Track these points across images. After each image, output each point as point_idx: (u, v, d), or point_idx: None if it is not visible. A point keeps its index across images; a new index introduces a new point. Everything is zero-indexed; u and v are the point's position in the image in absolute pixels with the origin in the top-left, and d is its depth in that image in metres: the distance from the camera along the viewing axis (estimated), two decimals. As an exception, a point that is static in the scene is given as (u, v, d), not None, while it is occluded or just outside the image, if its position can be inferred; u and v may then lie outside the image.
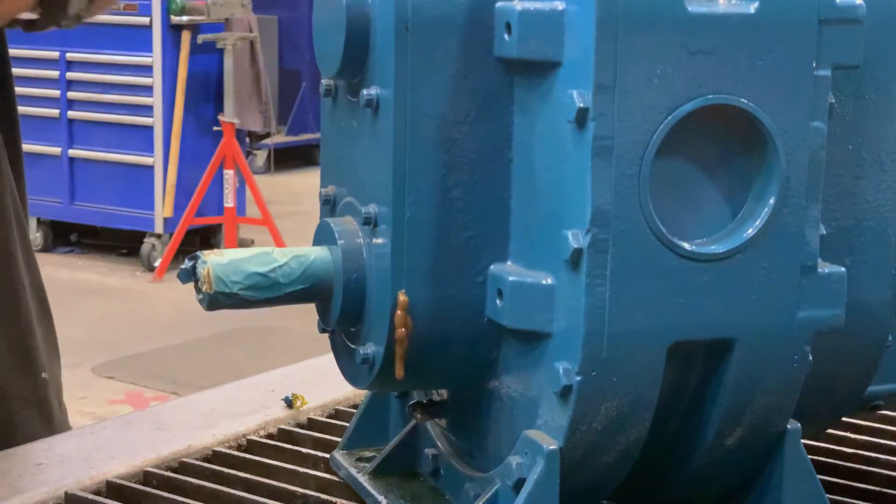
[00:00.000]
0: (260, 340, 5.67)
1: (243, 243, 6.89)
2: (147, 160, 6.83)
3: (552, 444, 0.95)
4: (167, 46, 6.72)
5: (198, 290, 0.99)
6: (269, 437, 1.27)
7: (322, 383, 1.37)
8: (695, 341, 0.96)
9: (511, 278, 0.96)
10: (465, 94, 0.97)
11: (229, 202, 6.81)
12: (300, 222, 7.23)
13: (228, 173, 6.75)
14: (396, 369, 0.99)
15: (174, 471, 1.20)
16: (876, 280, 1.05)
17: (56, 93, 6.91)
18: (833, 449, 1.24)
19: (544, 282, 0.94)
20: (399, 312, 0.97)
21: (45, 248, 7.15)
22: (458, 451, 1.07)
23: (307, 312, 1.04)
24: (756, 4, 0.92)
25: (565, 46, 0.92)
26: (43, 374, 1.46)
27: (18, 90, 1.49)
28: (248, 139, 7.56)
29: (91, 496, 1.14)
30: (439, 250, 0.97)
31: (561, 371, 0.93)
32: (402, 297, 0.97)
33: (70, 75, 6.92)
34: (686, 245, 0.93)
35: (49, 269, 6.49)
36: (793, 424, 1.01)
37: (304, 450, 1.23)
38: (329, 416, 1.32)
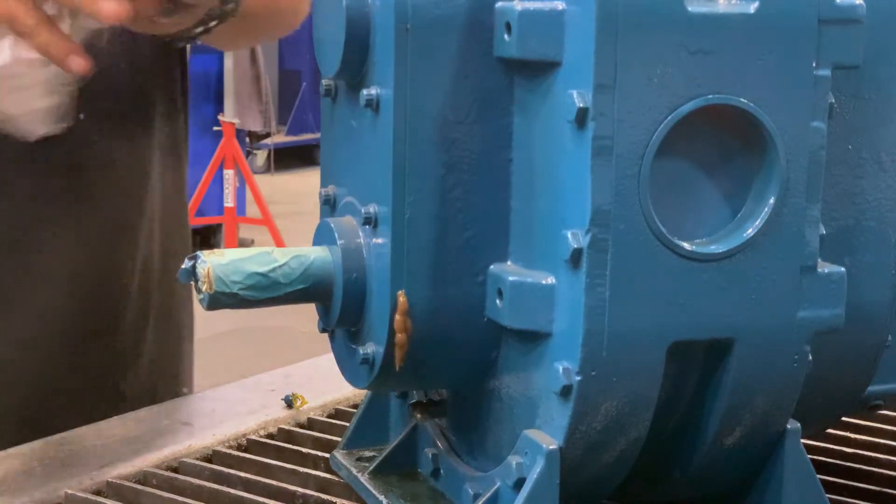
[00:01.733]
0: (260, 340, 5.67)
1: (243, 243, 6.89)
2: (147, 160, 6.82)
3: (552, 444, 0.95)
4: (167, 46, 6.71)
5: (198, 290, 0.99)
6: (269, 437, 1.28)
7: (322, 383, 1.37)
8: (695, 341, 0.96)
9: (511, 278, 0.96)
10: (465, 94, 0.97)
11: (229, 202, 6.82)
12: (300, 222, 7.23)
13: (228, 173, 6.75)
14: (396, 372, 0.99)
15: (174, 471, 1.20)
16: (876, 280, 1.05)
17: (56, 93, 6.90)
18: (833, 449, 1.24)
19: (544, 282, 0.94)
20: (398, 317, 0.97)
21: (46, 248, 7.14)
22: (458, 451, 1.08)
23: (307, 312, 1.04)
24: (756, 4, 0.92)
25: (565, 46, 0.92)
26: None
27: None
28: (248, 139, 7.56)
29: (91, 496, 1.14)
30: (439, 250, 0.97)
31: (561, 371, 0.93)
32: (401, 301, 0.97)
33: (70, 75, 6.91)
34: (686, 245, 0.93)
35: (49, 269, 6.50)
36: (793, 424, 1.01)
37: (304, 450, 1.23)
38: (329, 416, 1.32)
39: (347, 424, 1.20)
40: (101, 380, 1.46)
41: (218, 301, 0.99)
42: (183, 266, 1.00)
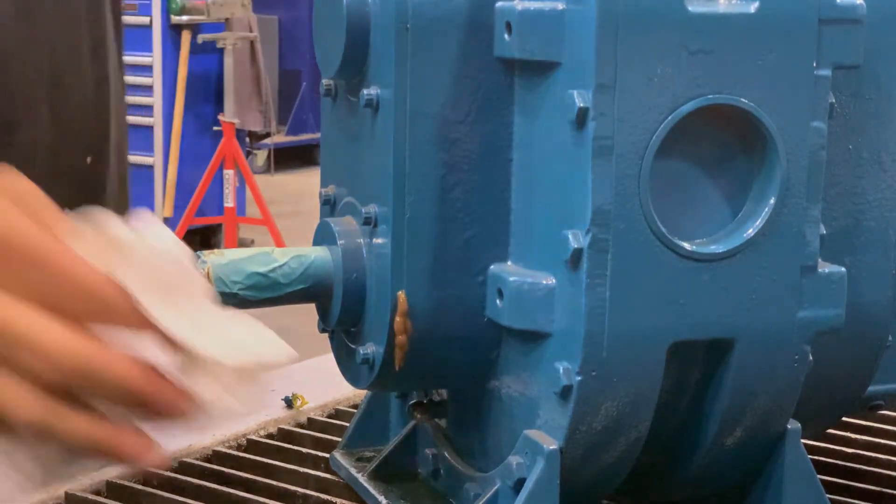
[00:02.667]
0: (260, 340, 5.65)
1: (243, 243, 6.89)
2: (147, 160, 6.83)
3: (552, 444, 0.95)
4: (167, 46, 6.72)
5: (198, 290, 0.99)
6: (269, 437, 1.27)
7: (322, 383, 1.37)
8: (695, 341, 0.96)
9: (511, 278, 0.96)
10: (465, 94, 0.97)
11: (229, 202, 6.81)
12: (300, 222, 7.23)
13: (228, 173, 6.75)
14: (396, 372, 0.99)
15: (174, 471, 1.20)
16: (876, 280, 1.05)
17: (56, 92, 6.89)
18: (833, 449, 1.24)
19: (544, 282, 0.94)
20: (398, 318, 0.97)
21: (46, 248, 7.13)
22: (458, 451, 1.07)
23: (307, 312, 1.04)
24: (756, 4, 0.92)
25: (565, 46, 0.92)
26: None
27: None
28: (248, 139, 7.56)
29: (91, 496, 1.14)
30: (439, 250, 0.97)
31: (561, 371, 0.93)
32: (401, 301, 0.97)
33: (70, 75, 6.90)
34: (686, 245, 0.93)
35: (49, 269, 6.49)
36: (793, 424, 1.01)
37: (304, 450, 1.23)
38: (329, 416, 1.32)
39: (347, 424, 1.20)
40: None
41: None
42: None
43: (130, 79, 6.80)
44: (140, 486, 1.16)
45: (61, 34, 1.24)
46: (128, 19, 6.69)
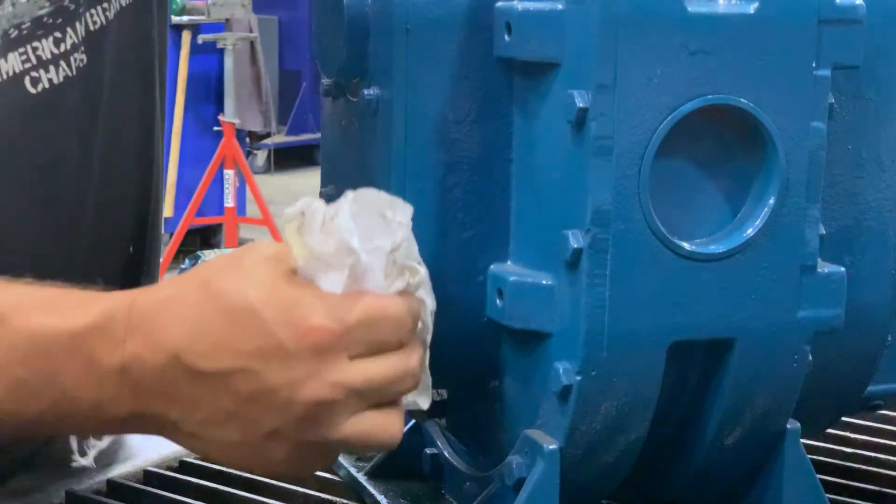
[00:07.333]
0: (260, 340, 5.65)
1: (243, 243, 6.88)
2: (147, 160, 6.82)
3: (552, 444, 0.95)
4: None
5: (198, 290, 0.99)
6: (270, 436, 1.27)
7: (322, 383, 1.36)
8: (695, 341, 0.96)
9: (511, 278, 0.96)
10: (465, 94, 0.97)
11: (229, 202, 6.80)
12: (300, 222, 7.22)
13: (228, 173, 6.74)
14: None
15: (174, 470, 1.20)
16: (876, 280, 1.05)
17: (56, 92, 6.88)
18: (833, 449, 1.24)
19: (544, 282, 0.94)
20: None
21: (46, 248, 7.12)
22: (458, 451, 1.07)
23: (307, 312, 1.04)
24: (756, 4, 0.92)
25: (565, 46, 0.92)
26: None
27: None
28: (248, 139, 7.56)
29: (91, 496, 1.14)
30: (439, 250, 0.97)
31: (561, 371, 0.93)
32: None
33: (70, 75, 6.89)
34: (686, 245, 0.93)
35: (49, 269, 6.49)
36: (793, 424, 1.01)
37: (304, 450, 1.22)
38: (329, 416, 1.32)
39: (347, 424, 1.19)
40: None
41: (218, 301, 0.99)
42: (183, 266, 0.99)
43: (130, 79, 6.81)
44: (140, 486, 1.16)
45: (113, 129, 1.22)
46: (128, 19, 6.71)
